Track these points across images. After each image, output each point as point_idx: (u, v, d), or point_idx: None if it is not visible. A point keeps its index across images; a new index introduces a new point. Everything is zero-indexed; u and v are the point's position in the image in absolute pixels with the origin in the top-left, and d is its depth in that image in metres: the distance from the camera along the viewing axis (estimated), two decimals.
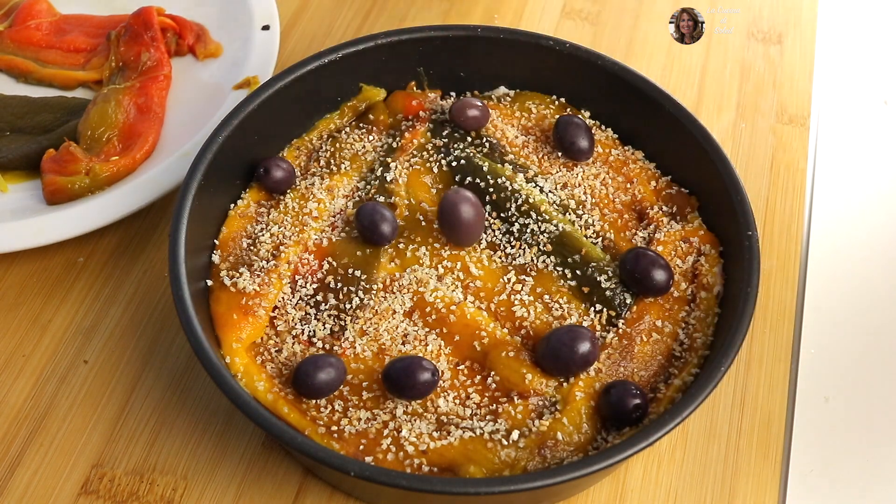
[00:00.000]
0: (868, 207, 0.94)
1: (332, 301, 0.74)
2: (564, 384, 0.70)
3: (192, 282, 0.70)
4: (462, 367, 0.71)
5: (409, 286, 0.74)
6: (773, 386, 0.80)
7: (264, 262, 0.74)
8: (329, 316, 0.73)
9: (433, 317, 0.73)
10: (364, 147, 0.84)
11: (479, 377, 0.71)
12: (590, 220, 0.79)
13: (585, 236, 0.77)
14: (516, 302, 0.74)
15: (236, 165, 0.80)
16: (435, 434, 0.67)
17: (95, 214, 0.83)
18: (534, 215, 0.77)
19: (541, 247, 0.76)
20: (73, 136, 0.90)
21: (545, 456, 0.66)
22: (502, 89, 0.88)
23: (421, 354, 0.71)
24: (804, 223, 0.91)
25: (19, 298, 0.84)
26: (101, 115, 0.90)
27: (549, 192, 0.80)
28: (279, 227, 0.77)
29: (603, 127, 0.85)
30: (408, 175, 0.81)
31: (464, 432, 0.67)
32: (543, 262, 0.76)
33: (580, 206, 0.80)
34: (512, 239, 0.77)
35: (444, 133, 0.83)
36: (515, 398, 0.69)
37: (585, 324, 0.73)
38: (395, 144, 0.83)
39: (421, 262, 0.76)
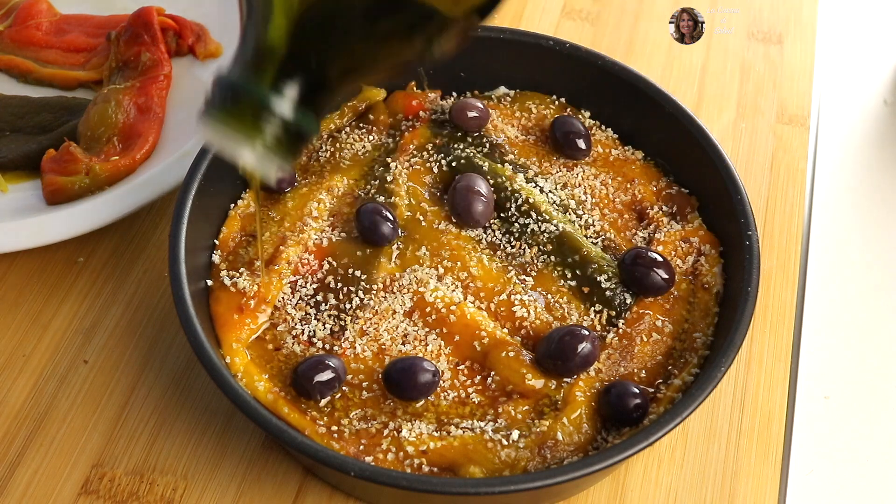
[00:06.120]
0: (868, 207, 0.94)
1: (332, 301, 0.74)
2: (564, 384, 0.70)
3: (192, 282, 0.70)
4: (462, 367, 0.71)
5: (409, 286, 0.74)
6: (773, 386, 0.80)
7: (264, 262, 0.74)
8: (329, 316, 0.73)
9: (433, 317, 0.72)
10: (364, 147, 0.84)
11: (479, 377, 0.71)
12: (590, 220, 0.79)
13: (585, 236, 0.77)
14: (516, 302, 0.73)
15: (236, 165, 0.79)
16: (435, 434, 0.67)
17: (95, 214, 0.83)
18: (534, 215, 0.77)
19: (541, 247, 0.76)
20: (73, 136, 0.90)
21: (545, 456, 0.66)
22: (502, 89, 0.88)
23: (421, 354, 0.71)
24: (804, 223, 0.91)
25: (19, 298, 0.84)
26: (101, 115, 0.90)
27: (549, 192, 0.80)
28: (279, 227, 0.77)
29: (603, 127, 0.85)
30: (408, 175, 0.81)
31: (464, 432, 0.67)
32: (543, 262, 0.76)
33: (580, 206, 0.80)
34: (512, 239, 0.77)
35: (444, 133, 0.83)
36: (515, 398, 0.69)
37: (585, 324, 0.73)
38: (394, 144, 0.83)
39: (421, 262, 0.76)
